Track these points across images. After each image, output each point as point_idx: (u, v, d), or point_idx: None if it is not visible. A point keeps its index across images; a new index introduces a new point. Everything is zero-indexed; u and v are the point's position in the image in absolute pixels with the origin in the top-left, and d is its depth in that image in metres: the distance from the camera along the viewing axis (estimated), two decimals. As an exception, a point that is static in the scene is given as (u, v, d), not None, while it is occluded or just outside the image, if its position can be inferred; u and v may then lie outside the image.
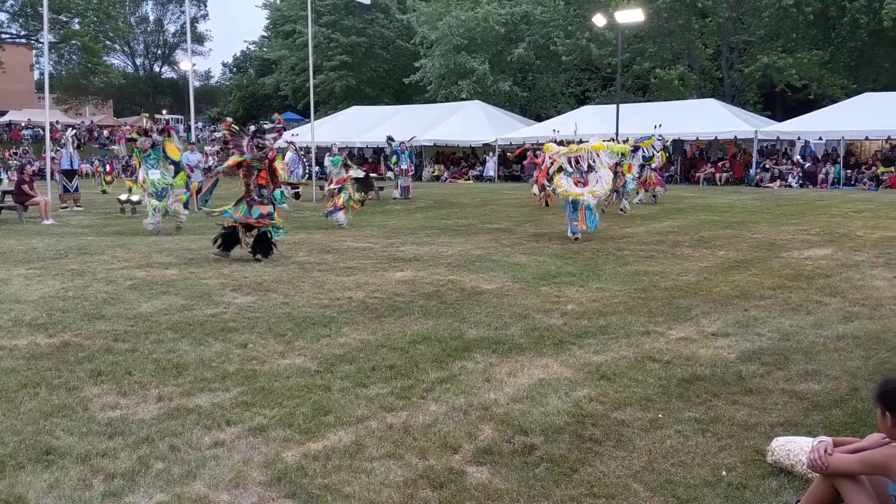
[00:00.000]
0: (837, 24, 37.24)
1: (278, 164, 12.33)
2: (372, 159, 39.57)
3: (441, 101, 43.99)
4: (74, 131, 24.13)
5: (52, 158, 20.90)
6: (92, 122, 59.23)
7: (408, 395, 4.79)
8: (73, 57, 53.76)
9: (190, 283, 8.73)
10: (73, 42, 51.28)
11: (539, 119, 41.89)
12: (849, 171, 29.15)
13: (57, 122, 47.67)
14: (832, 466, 3.03)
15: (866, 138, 30.18)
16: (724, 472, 3.67)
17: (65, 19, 50.55)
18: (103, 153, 42.20)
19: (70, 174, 20.54)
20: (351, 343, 6.03)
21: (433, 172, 37.94)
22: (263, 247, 10.48)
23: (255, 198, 10.42)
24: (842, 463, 3.02)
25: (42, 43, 31.93)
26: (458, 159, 40.45)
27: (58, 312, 7.13)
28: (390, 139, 17.14)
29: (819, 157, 31.37)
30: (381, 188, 21.80)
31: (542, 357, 5.63)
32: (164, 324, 6.68)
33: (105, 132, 56.36)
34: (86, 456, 3.87)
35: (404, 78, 48.51)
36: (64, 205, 19.92)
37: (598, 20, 34.24)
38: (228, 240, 10.55)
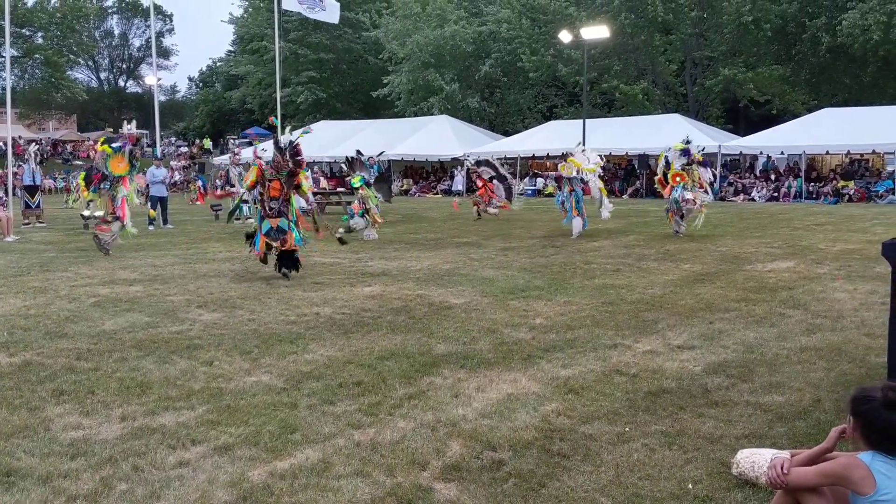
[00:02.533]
0: (798, 40, 38.05)
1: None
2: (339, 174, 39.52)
3: (410, 116, 44.10)
4: (37, 146, 23.80)
5: (14, 174, 20.60)
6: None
7: (375, 411, 4.77)
8: (37, 71, 53.20)
9: (154, 299, 8.63)
10: (37, 56, 50.74)
11: (507, 134, 42.18)
12: (810, 184, 29.69)
13: (20, 137, 46.98)
14: (791, 482, 3.05)
15: (827, 153, 30.81)
16: (690, 485, 3.70)
17: (28, 33, 50.06)
18: (67, 168, 41.63)
19: (32, 190, 20.24)
20: (318, 360, 5.99)
21: (402, 187, 37.99)
22: (288, 261, 10.18)
23: (267, 210, 10.20)
24: (800, 478, 3.05)
25: (4, 57, 31.50)
26: (426, 173, 40.54)
27: (19, 331, 7.01)
28: (359, 153, 17.23)
29: (781, 171, 31.93)
30: (350, 202, 21.71)
31: (511, 371, 5.64)
32: (127, 342, 6.59)
33: (69, 147, 55.61)
34: (47, 477, 3.80)
35: (372, 92, 48.56)
36: (26, 221, 19.62)
37: (564, 36, 34.59)
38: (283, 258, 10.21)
